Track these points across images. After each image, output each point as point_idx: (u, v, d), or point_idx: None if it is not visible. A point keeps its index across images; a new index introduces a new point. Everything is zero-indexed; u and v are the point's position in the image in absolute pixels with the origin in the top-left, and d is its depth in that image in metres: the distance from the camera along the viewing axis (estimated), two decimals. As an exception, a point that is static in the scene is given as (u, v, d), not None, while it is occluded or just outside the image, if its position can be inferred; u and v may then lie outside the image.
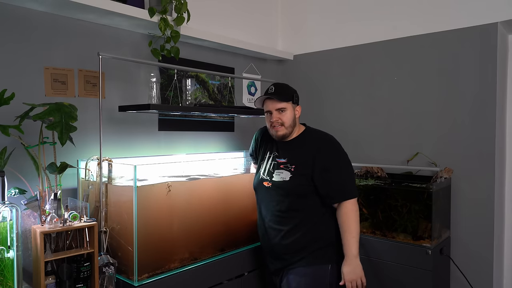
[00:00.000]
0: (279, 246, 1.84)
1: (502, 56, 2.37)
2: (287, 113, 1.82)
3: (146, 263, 1.70)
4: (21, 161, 1.70)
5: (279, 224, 1.84)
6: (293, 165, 1.82)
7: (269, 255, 1.93)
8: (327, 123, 1.95)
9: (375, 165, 2.43)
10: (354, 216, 1.75)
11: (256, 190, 1.98)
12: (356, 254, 1.74)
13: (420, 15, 2.50)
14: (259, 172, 1.96)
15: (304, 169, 1.80)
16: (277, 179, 1.83)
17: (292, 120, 1.84)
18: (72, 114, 1.58)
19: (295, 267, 1.81)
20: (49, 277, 1.56)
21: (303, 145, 1.85)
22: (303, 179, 1.79)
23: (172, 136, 2.49)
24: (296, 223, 1.81)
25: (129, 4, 2.01)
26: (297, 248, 1.81)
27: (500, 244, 2.42)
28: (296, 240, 1.80)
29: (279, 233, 1.83)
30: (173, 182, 1.85)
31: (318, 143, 1.84)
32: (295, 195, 1.80)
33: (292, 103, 1.84)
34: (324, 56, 2.98)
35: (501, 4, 2.21)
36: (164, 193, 1.80)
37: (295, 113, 1.86)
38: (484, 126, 2.27)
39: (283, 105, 1.81)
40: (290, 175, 1.81)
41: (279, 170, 1.84)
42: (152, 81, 2.08)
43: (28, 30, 1.84)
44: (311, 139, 1.87)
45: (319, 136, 1.89)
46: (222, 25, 2.76)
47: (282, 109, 1.82)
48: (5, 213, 1.49)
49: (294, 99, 1.84)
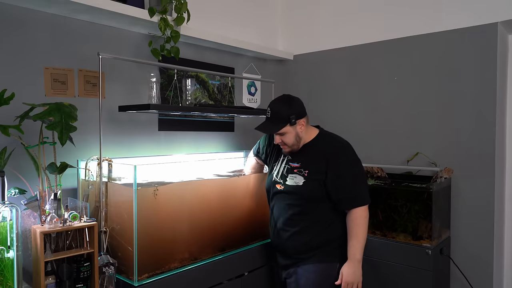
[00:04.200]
0: (290, 247, 1.87)
1: (502, 56, 2.36)
2: (287, 135, 1.81)
3: (146, 263, 1.70)
4: (21, 161, 1.70)
5: (291, 226, 1.85)
6: (306, 170, 1.82)
7: (279, 252, 1.95)
8: (327, 123, 1.94)
9: (375, 165, 2.43)
10: (363, 222, 1.76)
11: (268, 192, 1.99)
12: (359, 259, 1.75)
13: (420, 15, 2.50)
14: (272, 173, 1.97)
15: (317, 174, 1.80)
16: (290, 183, 1.84)
17: (294, 139, 1.82)
18: (72, 114, 1.58)
19: (305, 264, 1.83)
20: (49, 277, 1.56)
21: (316, 151, 1.85)
22: (316, 184, 1.79)
23: (172, 136, 2.49)
24: (307, 225, 1.83)
25: (129, 4, 2.01)
26: (308, 248, 1.83)
27: (500, 244, 2.42)
28: (307, 241, 1.82)
29: (291, 234, 1.85)
30: (173, 182, 1.84)
31: (332, 148, 1.84)
32: (308, 199, 1.82)
33: (290, 125, 1.79)
34: (324, 56, 2.98)
35: (501, 4, 2.21)
36: (164, 193, 1.80)
37: (297, 131, 1.81)
38: (484, 126, 2.27)
39: (280, 131, 1.79)
40: (303, 180, 1.81)
41: (292, 174, 1.85)
42: (152, 81, 2.08)
43: (28, 30, 1.84)
44: (325, 144, 1.86)
45: (332, 141, 1.87)
46: (222, 25, 2.75)
47: (281, 133, 1.81)
48: (5, 213, 1.48)
49: (291, 122, 1.78)
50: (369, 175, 2.40)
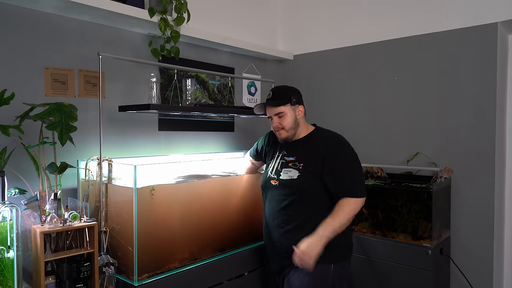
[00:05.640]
0: (282, 245, 1.83)
1: (502, 56, 2.36)
2: (286, 117, 1.82)
3: (146, 263, 1.70)
4: (21, 161, 1.70)
5: (284, 222, 1.82)
6: (301, 163, 1.81)
7: (273, 254, 1.92)
8: (327, 123, 1.94)
9: (375, 165, 2.43)
10: (348, 210, 1.71)
11: (263, 189, 1.97)
12: (324, 236, 1.67)
13: (420, 15, 2.50)
14: (267, 171, 1.96)
15: (313, 167, 1.78)
16: (284, 177, 1.82)
17: (292, 123, 1.83)
18: (72, 114, 1.58)
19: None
20: (49, 277, 1.56)
21: (312, 144, 1.85)
22: (312, 177, 1.77)
23: (172, 136, 2.49)
24: (300, 222, 1.79)
25: (129, 4, 2.01)
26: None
27: (500, 244, 2.42)
28: (300, 239, 1.75)
29: (283, 232, 1.82)
30: (172, 183, 1.84)
31: (328, 141, 1.83)
32: (302, 193, 1.79)
33: (291, 105, 1.83)
34: (324, 56, 2.98)
35: (501, 4, 2.21)
36: (164, 194, 1.80)
37: (296, 115, 1.84)
38: (484, 126, 2.27)
39: (280, 109, 1.81)
40: (298, 174, 1.79)
41: (287, 168, 1.83)
42: (152, 81, 2.08)
43: (28, 30, 1.84)
44: (321, 138, 1.86)
45: (329, 135, 1.88)
46: (222, 25, 2.76)
47: (281, 114, 1.82)
48: (5, 213, 1.49)
49: (292, 101, 1.82)
50: (369, 175, 2.40)
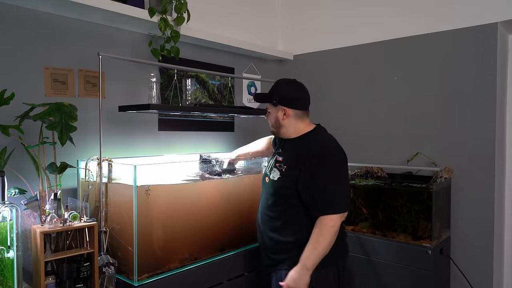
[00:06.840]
0: (265, 244, 1.83)
1: (502, 56, 2.36)
2: (270, 114, 1.83)
3: (146, 263, 1.70)
4: (21, 161, 1.70)
5: (267, 221, 1.81)
6: (285, 165, 1.76)
7: (262, 252, 1.90)
8: (326, 123, 1.94)
9: (375, 165, 2.43)
10: (327, 232, 1.61)
11: (262, 185, 1.96)
12: (309, 268, 1.61)
13: (420, 15, 2.50)
14: (266, 167, 1.96)
15: (291, 171, 1.71)
16: (271, 177, 1.81)
17: (274, 122, 1.81)
18: (72, 114, 1.58)
19: (278, 269, 1.76)
20: (49, 277, 1.56)
21: (298, 147, 1.78)
22: (288, 181, 1.71)
23: (172, 136, 2.49)
24: (280, 224, 1.76)
25: (129, 4, 2.01)
26: (279, 249, 1.76)
27: (500, 244, 2.42)
28: (279, 240, 1.75)
29: (266, 230, 1.82)
30: (173, 183, 1.84)
31: (312, 147, 1.72)
32: (280, 196, 1.76)
33: (273, 105, 1.78)
34: (324, 56, 2.98)
35: (501, 4, 2.21)
36: (164, 194, 1.80)
37: (277, 115, 1.77)
38: (484, 126, 2.27)
39: (265, 105, 1.84)
40: (279, 176, 1.76)
41: (274, 168, 1.82)
42: (152, 81, 2.08)
43: (28, 30, 1.84)
44: (307, 142, 1.76)
45: (317, 141, 1.75)
46: (222, 25, 2.76)
47: (268, 110, 1.84)
48: (5, 213, 1.49)
49: (273, 102, 1.77)
50: (369, 175, 2.40)
